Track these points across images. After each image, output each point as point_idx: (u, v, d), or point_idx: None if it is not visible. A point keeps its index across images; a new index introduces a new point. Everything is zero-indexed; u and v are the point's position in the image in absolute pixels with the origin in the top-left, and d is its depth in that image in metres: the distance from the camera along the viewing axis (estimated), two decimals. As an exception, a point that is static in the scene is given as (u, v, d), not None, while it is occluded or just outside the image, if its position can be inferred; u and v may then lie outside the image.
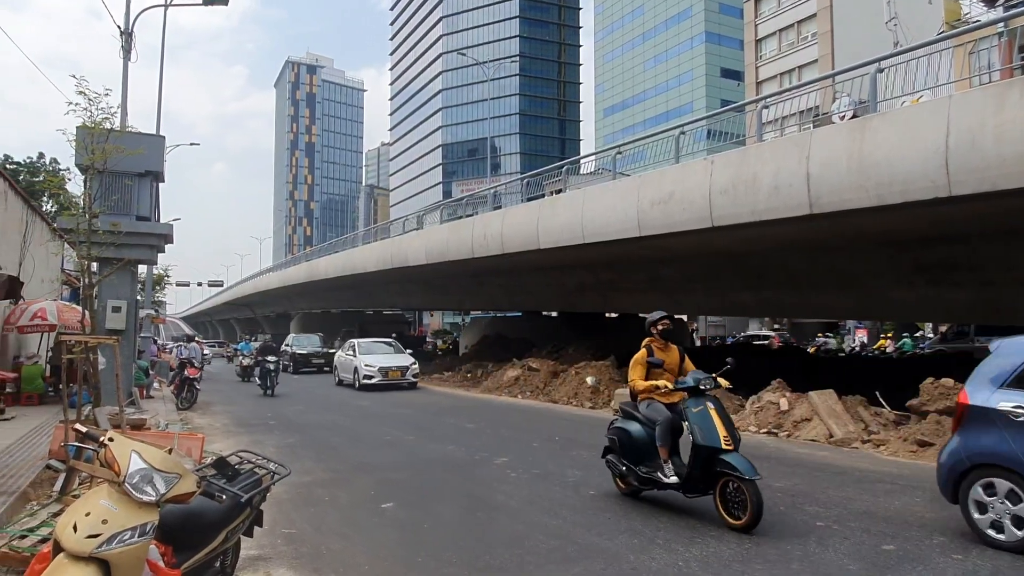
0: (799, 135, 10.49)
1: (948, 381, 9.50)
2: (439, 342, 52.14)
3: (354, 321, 48.11)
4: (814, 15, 44.26)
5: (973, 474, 5.31)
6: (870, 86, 9.80)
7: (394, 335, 30.50)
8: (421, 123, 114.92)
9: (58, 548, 2.86)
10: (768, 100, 12.62)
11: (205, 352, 23.68)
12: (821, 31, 43.41)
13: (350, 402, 17.29)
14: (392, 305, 40.75)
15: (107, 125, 8.26)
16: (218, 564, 3.86)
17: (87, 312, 8.16)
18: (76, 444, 3.04)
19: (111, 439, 3.02)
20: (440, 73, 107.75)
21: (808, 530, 5.72)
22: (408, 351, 23.96)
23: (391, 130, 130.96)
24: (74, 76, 7.92)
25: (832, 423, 9.96)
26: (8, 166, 30.54)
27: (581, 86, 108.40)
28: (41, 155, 37.89)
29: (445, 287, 26.33)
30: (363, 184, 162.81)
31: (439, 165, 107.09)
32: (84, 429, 3.13)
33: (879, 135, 8.96)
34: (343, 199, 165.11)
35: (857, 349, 34.52)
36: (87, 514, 2.88)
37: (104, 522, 2.84)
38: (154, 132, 19.00)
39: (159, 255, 15.69)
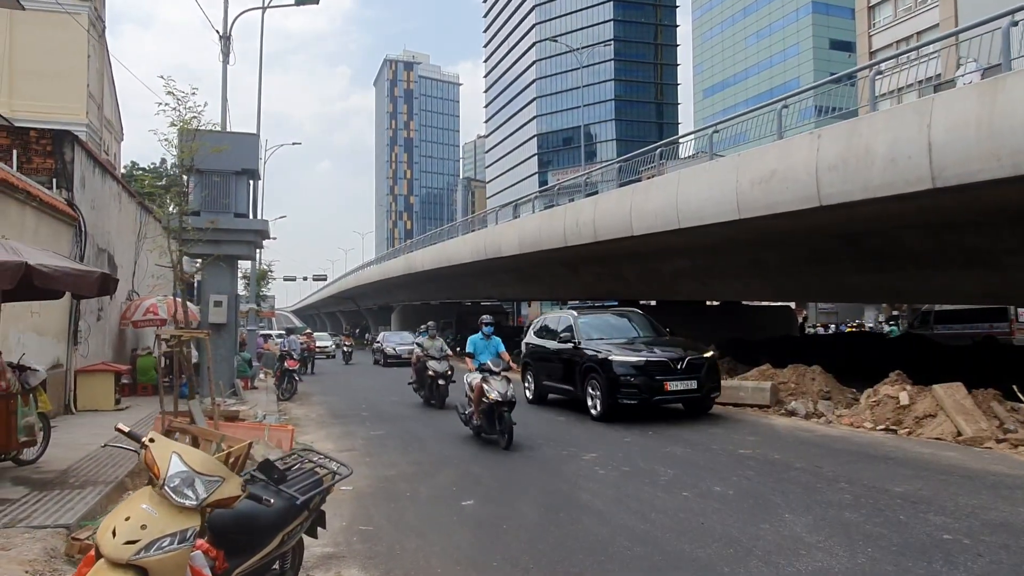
0: (919, 101, 9.46)
1: (1102, 373, 8.32)
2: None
3: (452, 312, 48.78)
4: (934, -26, 40.86)
5: None
6: (1003, 42, 8.68)
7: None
8: (516, 114, 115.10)
9: (100, 553, 2.75)
10: (882, 65, 11.54)
11: (304, 344, 24.40)
12: (943, -8, 40.00)
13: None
14: (488, 296, 40.88)
15: (195, 124, 8.41)
16: (277, 567, 3.71)
17: (181, 306, 8.38)
18: (115, 445, 2.94)
19: (152, 440, 2.88)
20: (534, 62, 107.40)
21: (933, 544, 5.02)
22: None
23: (486, 122, 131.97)
24: (162, 77, 8.10)
25: (961, 420, 8.95)
26: (136, 172, 32.68)
27: (679, 68, 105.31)
28: (163, 160, 40.51)
29: (537, 276, 26.07)
30: (460, 177, 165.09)
31: (534, 155, 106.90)
32: (126, 429, 3.00)
33: (1015, 95, 7.90)
34: (441, 192, 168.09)
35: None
36: (127, 518, 2.74)
37: (143, 527, 2.69)
38: (254, 132, 19.65)
39: (260, 251, 16.24)
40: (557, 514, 6.17)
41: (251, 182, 14.58)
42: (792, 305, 31.03)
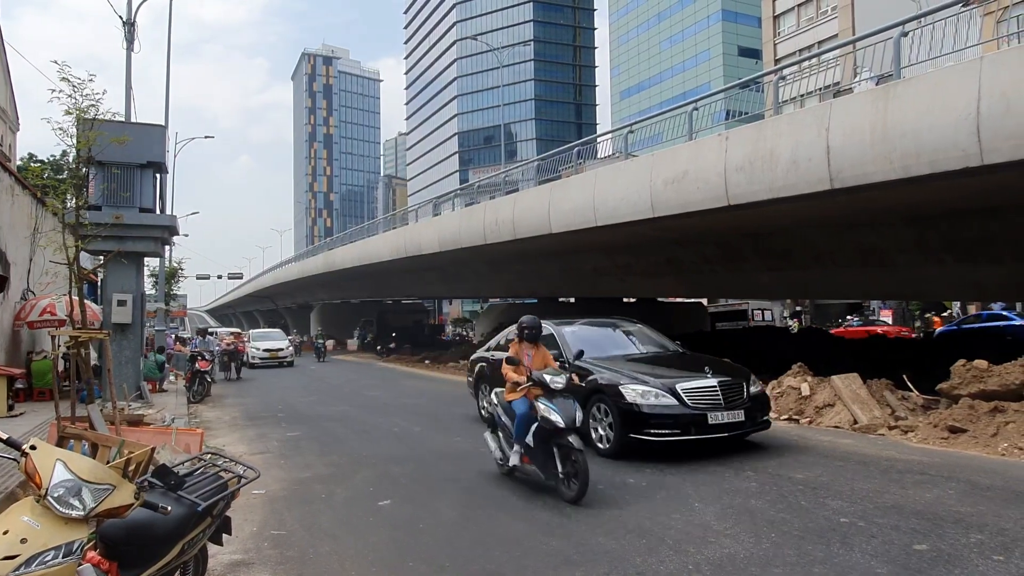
0: (818, 106, 9.94)
1: (982, 363, 8.95)
2: (459, 330, 51.97)
3: (373, 311, 48.10)
4: (834, -13, 43.10)
5: None
6: (894, 51, 9.22)
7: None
8: (437, 111, 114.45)
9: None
10: (786, 71, 12.05)
11: (231, 346, 23.56)
12: (841, 4, 42.17)
13: (362, 392, 17.06)
14: (410, 294, 40.55)
15: (92, 113, 7.93)
16: (177, 577, 3.55)
17: (78, 305, 7.90)
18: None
19: (33, 447, 2.70)
20: (455, 60, 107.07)
21: (831, 527, 5.28)
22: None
23: (407, 119, 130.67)
24: (56, 62, 7.60)
25: (856, 408, 9.47)
26: (33, 163, 30.64)
27: (597, 69, 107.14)
28: (64, 153, 38.04)
29: (460, 274, 26.01)
30: (381, 174, 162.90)
31: (455, 153, 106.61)
32: (4, 436, 2.80)
33: (904, 103, 8.41)
34: (362, 190, 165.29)
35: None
36: (5, 532, 2.56)
37: (23, 541, 2.52)
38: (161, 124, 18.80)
39: (170, 248, 15.56)
40: (475, 512, 6.17)
41: (158, 176, 13.94)
42: (704, 301, 32.13)
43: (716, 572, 4.49)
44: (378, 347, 36.87)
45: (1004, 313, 26.11)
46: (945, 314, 33.32)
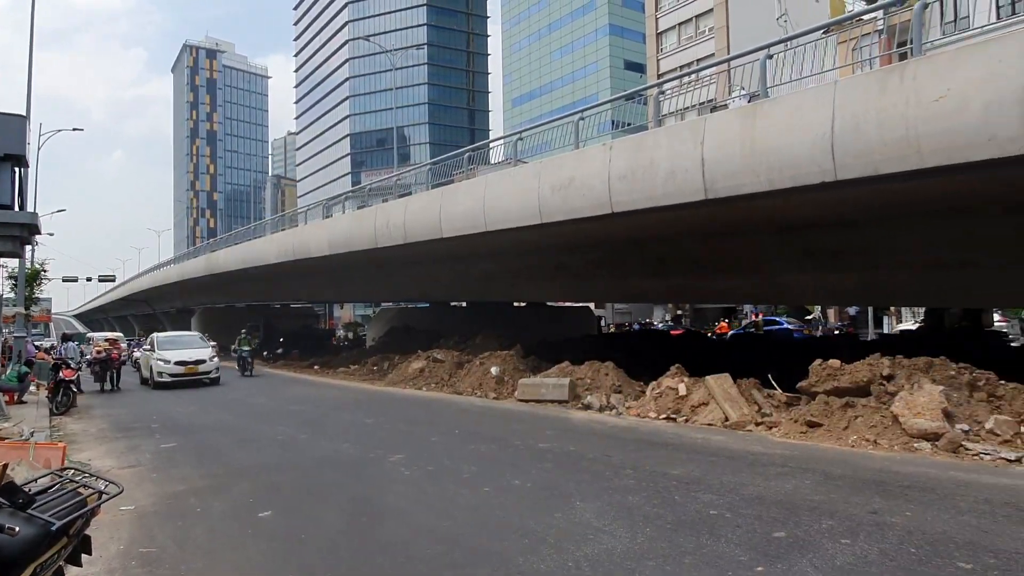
0: (694, 120, 10.50)
1: (835, 362, 9.72)
2: (350, 335, 50.94)
3: (259, 316, 46.32)
4: (711, 10, 45.46)
5: None
6: (760, 72, 9.88)
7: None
8: (328, 111, 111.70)
9: None
10: (666, 86, 12.64)
11: (105, 354, 21.21)
12: (718, 26, 44.62)
13: (245, 400, 16.41)
14: (298, 298, 39.34)
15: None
16: (29, 603, 3.31)
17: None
18: None
19: None
20: (347, 60, 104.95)
21: (702, 520, 5.60)
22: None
23: (297, 118, 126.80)
24: None
25: (728, 407, 10.06)
26: None
27: (490, 76, 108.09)
28: None
29: (350, 278, 25.54)
30: (269, 174, 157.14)
31: (347, 155, 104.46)
32: None
33: (769, 120, 9.04)
34: (248, 190, 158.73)
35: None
36: None
37: None
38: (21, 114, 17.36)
39: (32, 247, 14.39)
40: (359, 519, 6.10)
41: (17, 170, 12.85)
42: (591, 306, 33.08)
43: (594, 568, 4.66)
44: (264, 352, 35.53)
45: (776, 319, 33.04)
46: (808, 317, 35.88)
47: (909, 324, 31.95)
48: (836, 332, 31.81)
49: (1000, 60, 6.96)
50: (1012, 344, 21.83)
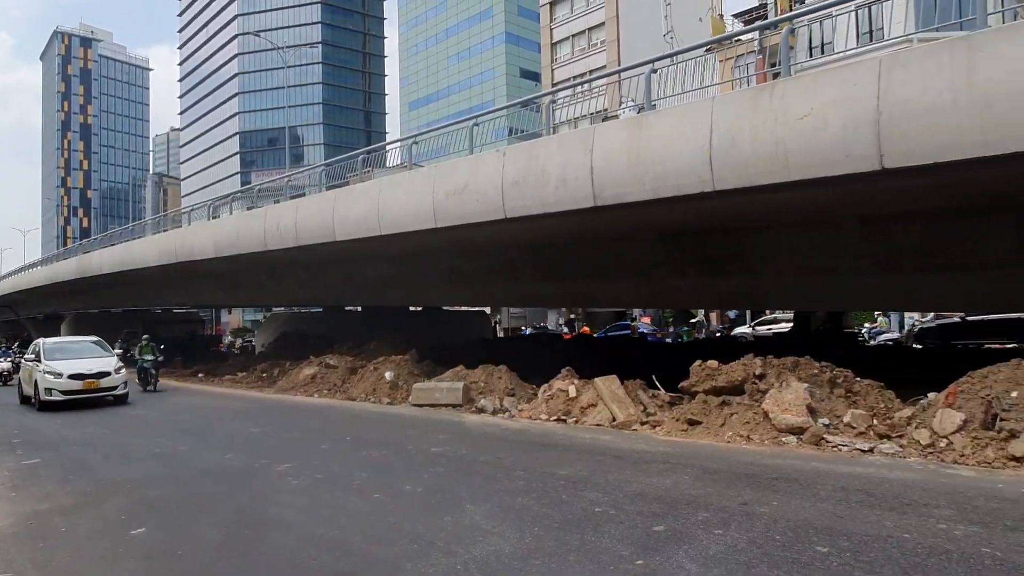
0: (584, 130, 10.82)
1: (713, 363, 10.25)
2: (238, 340, 48.93)
3: (137, 322, 43.69)
4: (603, 23, 46.93)
5: None
6: (645, 85, 10.32)
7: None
8: (216, 108, 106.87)
9: None
10: (559, 95, 12.96)
11: None
12: (609, 39, 46.11)
13: (118, 411, 15.42)
14: (182, 303, 37.46)
15: None
16: None
17: None
18: None
19: None
20: (236, 56, 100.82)
21: (587, 517, 5.78)
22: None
23: (182, 114, 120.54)
24: None
25: (615, 407, 10.41)
26: None
27: (387, 78, 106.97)
28: None
29: (238, 282, 24.53)
30: (150, 172, 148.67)
31: (236, 154, 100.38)
32: None
33: (654, 131, 9.44)
34: (127, 187, 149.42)
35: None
36: None
37: None
38: None
39: None
40: (242, 531, 5.90)
41: None
42: (487, 310, 33.36)
43: (482, 569, 4.72)
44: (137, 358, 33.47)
45: (625, 323, 35.86)
46: (693, 320, 37.60)
47: (783, 326, 33.94)
48: (717, 334, 33.54)
49: (855, 84, 7.60)
50: (867, 344, 23.84)
